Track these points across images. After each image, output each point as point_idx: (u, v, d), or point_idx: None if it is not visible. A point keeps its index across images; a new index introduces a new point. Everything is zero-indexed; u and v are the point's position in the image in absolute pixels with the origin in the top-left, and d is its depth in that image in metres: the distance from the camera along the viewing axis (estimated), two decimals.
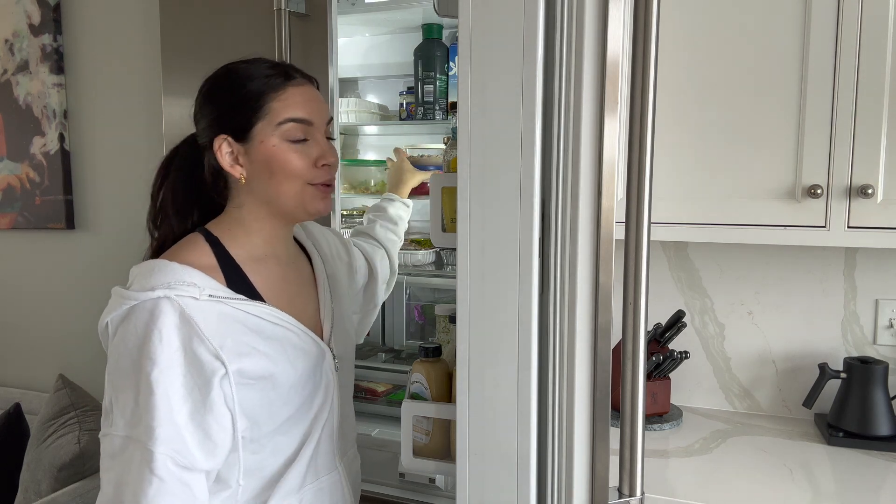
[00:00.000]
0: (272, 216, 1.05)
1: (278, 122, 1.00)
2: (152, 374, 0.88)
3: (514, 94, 0.83)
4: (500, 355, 0.87)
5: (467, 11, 0.85)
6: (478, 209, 0.87)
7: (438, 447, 1.11)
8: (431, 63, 1.82)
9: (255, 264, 1.04)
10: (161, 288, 0.91)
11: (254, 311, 0.98)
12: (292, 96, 1.01)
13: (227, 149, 1.01)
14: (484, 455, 0.89)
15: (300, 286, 1.13)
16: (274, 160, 1.00)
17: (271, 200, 1.03)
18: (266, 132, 1.00)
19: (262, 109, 1.00)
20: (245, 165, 1.02)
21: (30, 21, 2.36)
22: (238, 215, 1.06)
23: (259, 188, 1.03)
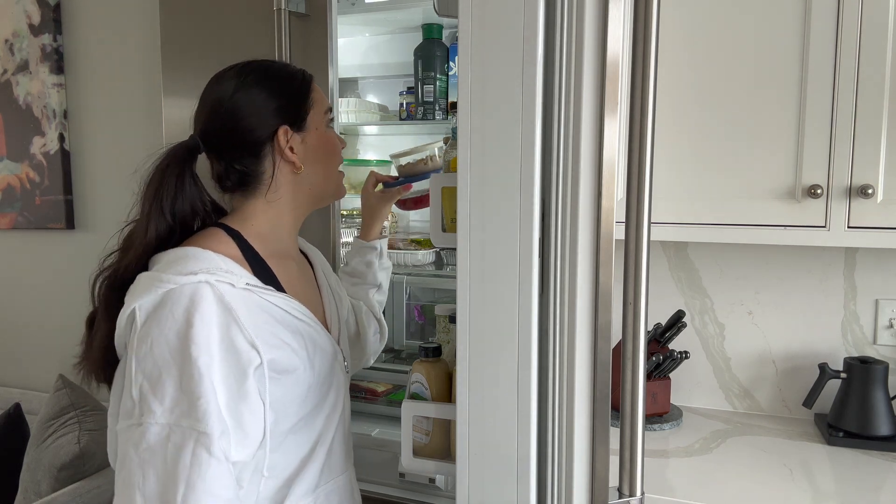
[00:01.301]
0: (307, 205, 1.10)
1: (325, 109, 1.09)
2: (200, 359, 0.86)
3: (514, 94, 0.83)
4: (500, 355, 0.87)
5: (467, 11, 0.85)
6: (478, 209, 0.87)
7: (438, 447, 1.11)
8: (431, 63, 1.82)
9: (276, 259, 1.05)
10: (202, 273, 0.90)
11: (282, 304, 0.98)
12: (316, 89, 1.10)
13: (285, 137, 1.04)
14: (484, 455, 0.89)
15: (309, 287, 1.14)
16: (329, 145, 1.09)
17: (317, 185, 1.08)
18: (317, 120, 1.07)
19: (309, 99, 1.07)
20: (299, 154, 1.05)
21: (30, 21, 2.36)
22: (264, 210, 1.06)
23: (308, 175, 1.07)
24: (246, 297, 0.93)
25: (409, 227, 2.13)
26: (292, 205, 1.08)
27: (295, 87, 1.06)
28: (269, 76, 1.06)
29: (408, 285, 1.91)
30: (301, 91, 1.07)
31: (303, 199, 1.09)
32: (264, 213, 1.06)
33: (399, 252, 1.82)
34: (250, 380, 0.91)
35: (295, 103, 1.05)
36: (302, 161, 1.05)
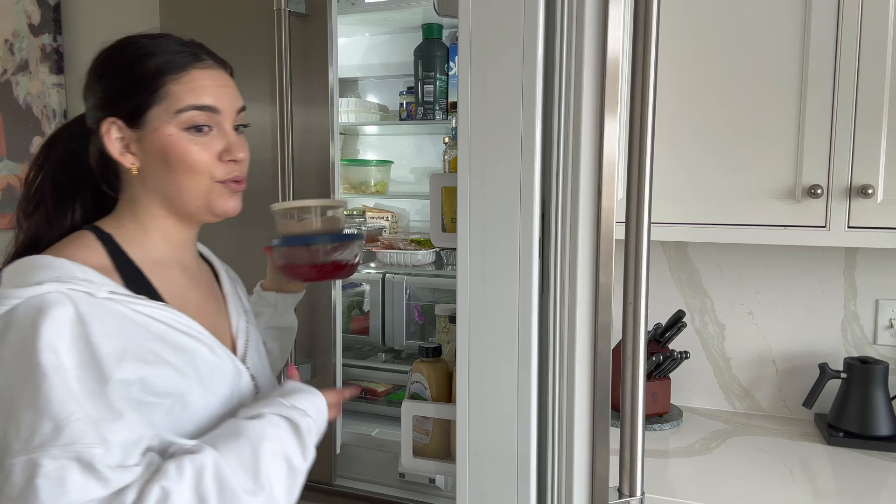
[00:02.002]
0: (171, 215, 0.92)
1: (178, 108, 0.87)
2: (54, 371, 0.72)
3: (514, 94, 0.83)
4: (500, 355, 0.87)
5: (467, 11, 0.85)
6: (478, 209, 0.87)
7: (438, 447, 1.11)
8: (431, 63, 1.82)
9: (157, 267, 0.91)
10: (50, 282, 0.76)
11: (159, 315, 0.83)
12: (197, 79, 0.88)
13: (117, 134, 0.88)
14: (484, 455, 0.89)
15: (209, 297, 0.99)
16: (171, 151, 0.87)
17: (171, 197, 0.90)
18: (162, 119, 0.87)
19: (159, 92, 0.87)
20: (138, 155, 0.88)
21: (30, 21, 2.36)
22: (132, 211, 0.92)
23: (155, 182, 0.89)
24: (110, 307, 0.79)
25: (409, 227, 2.13)
26: (151, 212, 0.91)
27: (136, 74, 0.87)
28: (119, 56, 0.90)
29: (408, 285, 1.91)
30: (143, 79, 0.87)
31: (163, 208, 0.91)
32: (129, 215, 0.92)
33: (399, 252, 1.83)
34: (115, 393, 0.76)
35: (131, 94, 0.87)
36: (143, 164, 0.88)
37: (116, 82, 0.88)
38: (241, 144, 0.92)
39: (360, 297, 2.04)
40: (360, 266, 1.30)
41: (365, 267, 1.93)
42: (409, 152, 2.12)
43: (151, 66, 0.87)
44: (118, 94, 0.88)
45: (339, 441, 1.64)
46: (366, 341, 1.97)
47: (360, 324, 2.00)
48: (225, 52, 0.97)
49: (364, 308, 2.03)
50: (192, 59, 0.89)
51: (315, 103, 1.55)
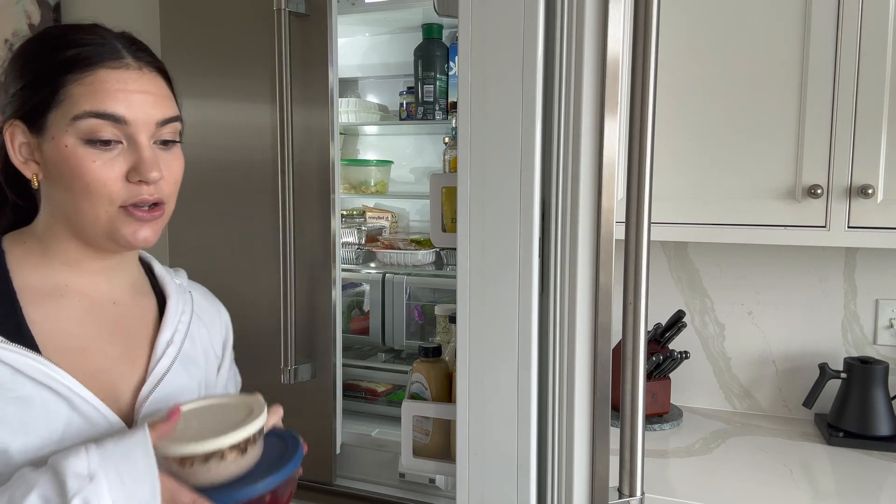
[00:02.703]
0: (74, 238, 0.79)
1: (74, 114, 0.73)
2: None
3: (514, 94, 0.83)
4: (500, 355, 0.87)
5: (467, 11, 0.85)
6: (478, 209, 0.87)
7: (438, 447, 1.11)
8: (431, 63, 1.82)
9: (44, 298, 0.77)
10: None
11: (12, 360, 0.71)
12: (102, 81, 0.74)
13: (21, 139, 0.76)
14: (484, 455, 0.89)
15: (115, 338, 0.82)
16: (65, 166, 0.74)
17: (70, 219, 0.77)
18: (60, 126, 0.74)
19: (59, 93, 0.74)
20: (41, 164, 0.77)
21: (30, 21, 2.36)
22: (36, 230, 0.80)
23: (56, 200, 0.77)
24: None
25: (409, 227, 2.13)
26: (52, 232, 0.79)
27: (38, 70, 0.75)
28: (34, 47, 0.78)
29: (408, 285, 1.91)
30: (43, 77, 0.75)
31: (63, 227, 0.78)
32: (34, 234, 0.81)
33: (399, 252, 1.82)
34: None
35: (30, 92, 0.75)
36: (45, 176, 0.77)
37: (21, 78, 0.77)
38: (158, 162, 0.77)
39: (360, 297, 2.04)
40: None
41: (365, 267, 1.93)
42: (409, 152, 2.12)
43: (54, 62, 0.75)
44: (20, 91, 0.76)
45: (339, 441, 1.64)
46: (366, 341, 1.97)
47: (360, 324, 2.00)
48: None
49: (364, 308, 2.03)
50: (104, 57, 0.76)
51: (315, 103, 1.55)
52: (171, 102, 0.81)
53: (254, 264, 1.22)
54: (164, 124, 0.79)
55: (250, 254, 1.20)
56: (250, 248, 1.59)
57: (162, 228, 0.81)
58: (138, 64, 0.78)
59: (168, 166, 0.79)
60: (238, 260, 1.18)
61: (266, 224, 1.55)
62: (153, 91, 0.78)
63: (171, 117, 0.80)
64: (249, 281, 1.20)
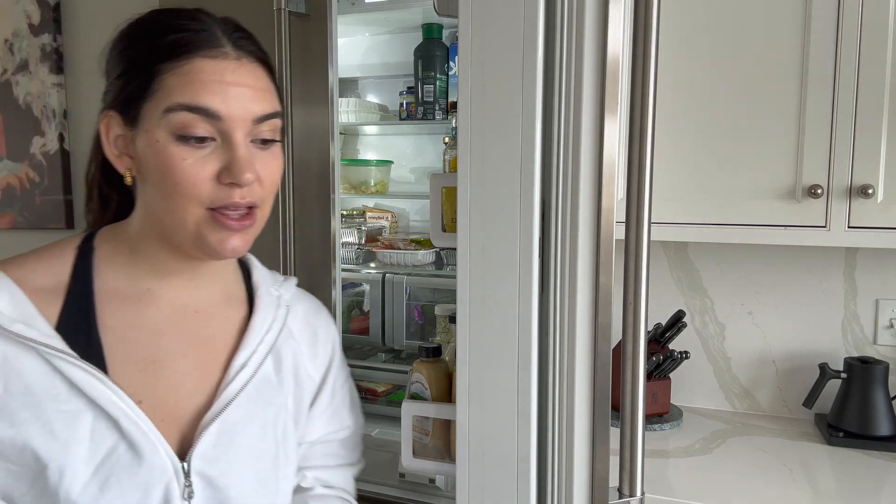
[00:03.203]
0: (163, 240, 0.73)
1: (166, 106, 0.67)
2: None
3: (514, 94, 0.83)
4: (500, 355, 0.87)
5: (467, 11, 0.84)
6: (478, 209, 0.87)
7: (438, 447, 1.11)
8: (431, 63, 1.82)
9: (123, 302, 0.73)
10: None
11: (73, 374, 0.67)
12: (198, 71, 0.67)
13: (117, 131, 0.71)
14: (484, 455, 0.89)
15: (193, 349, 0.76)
16: (155, 162, 0.68)
17: (160, 220, 0.71)
18: (153, 118, 0.68)
19: (152, 83, 0.68)
20: (135, 159, 0.71)
21: (29, 21, 2.36)
22: (128, 228, 0.76)
23: (147, 198, 0.72)
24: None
25: (409, 227, 2.13)
26: (143, 233, 0.74)
27: (135, 57, 0.70)
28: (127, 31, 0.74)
29: (408, 285, 1.91)
30: (139, 65, 0.69)
31: (151, 227, 0.73)
32: (124, 233, 0.76)
33: (399, 252, 1.83)
34: None
35: (125, 80, 0.70)
36: (139, 172, 0.71)
37: (117, 65, 0.72)
38: (253, 163, 0.70)
39: (360, 297, 2.04)
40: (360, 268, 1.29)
41: (365, 267, 1.93)
42: (409, 152, 2.12)
43: (150, 48, 0.69)
44: (117, 80, 0.71)
45: None
46: (366, 341, 1.97)
47: (360, 324, 2.00)
48: None
49: (364, 308, 2.03)
50: (202, 44, 0.69)
51: (315, 103, 1.55)
52: (272, 96, 0.73)
53: None
54: (263, 121, 0.71)
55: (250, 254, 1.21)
56: (250, 248, 1.59)
57: (255, 237, 0.75)
58: (238, 53, 0.71)
59: (265, 167, 0.72)
60: None
61: (266, 224, 1.55)
62: (252, 84, 0.71)
63: (271, 113, 0.72)
64: None
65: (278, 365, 0.81)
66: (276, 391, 0.80)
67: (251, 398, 0.77)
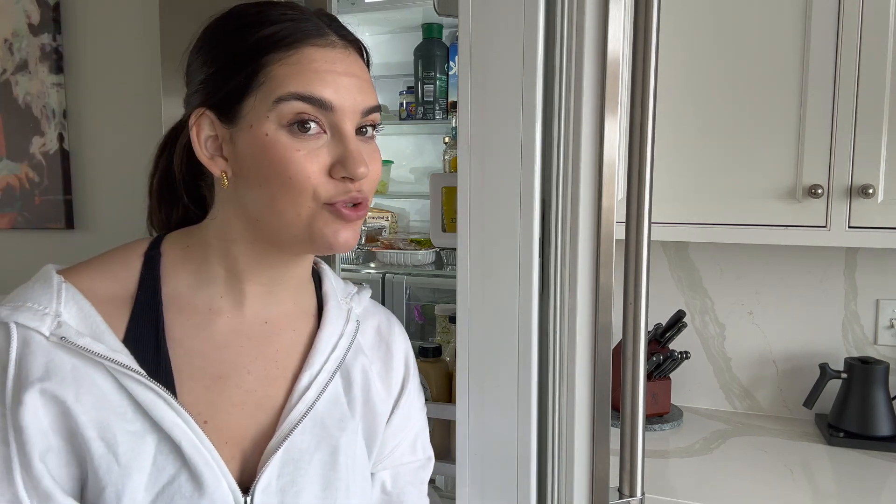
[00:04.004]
0: (256, 244, 0.70)
1: (277, 96, 0.64)
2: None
3: (514, 94, 0.83)
4: (500, 355, 0.87)
5: (467, 11, 0.84)
6: (478, 209, 0.87)
7: (438, 447, 1.11)
8: (431, 63, 1.82)
9: (191, 312, 0.70)
10: (6, 308, 0.64)
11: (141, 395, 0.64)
12: (309, 60, 0.65)
13: (209, 131, 0.68)
14: (484, 455, 0.89)
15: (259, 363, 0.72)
16: (265, 158, 0.64)
17: (262, 220, 0.67)
18: (259, 112, 0.65)
19: (259, 74, 0.65)
20: (230, 160, 0.67)
21: (29, 21, 2.36)
22: (203, 233, 0.72)
23: (245, 199, 0.68)
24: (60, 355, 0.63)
25: (409, 227, 2.13)
26: (231, 237, 0.70)
27: (232, 50, 0.67)
28: (223, 28, 0.70)
29: (408, 285, 1.91)
30: (240, 57, 0.66)
31: (244, 230, 0.69)
32: (205, 235, 0.72)
33: (399, 252, 1.82)
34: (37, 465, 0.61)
35: (223, 75, 0.67)
36: (234, 172, 0.67)
37: (212, 62, 0.68)
38: (365, 156, 0.67)
39: None
40: (360, 267, 1.29)
41: (365, 267, 1.93)
42: (409, 152, 2.12)
43: (252, 40, 0.65)
44: (212, 77, 0.67)
45: None
46: None
47: None
48: None
49: None
50: (310, 33, 0.66)
51: None
52: (373, 88, 0.71)
53: None
54: (368, 113, 0.69)
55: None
56: None
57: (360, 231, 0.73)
58: (343, 43, 0.68)
59: (372, 160, 0.69)
60: None
61: None
62: (359, 74, 0.69)
63: (376, 105, 0.70)
64: None
65: (348, 385, 0.76)
66: (345, 414, 0.75)
67: (317, 422, 0.72)
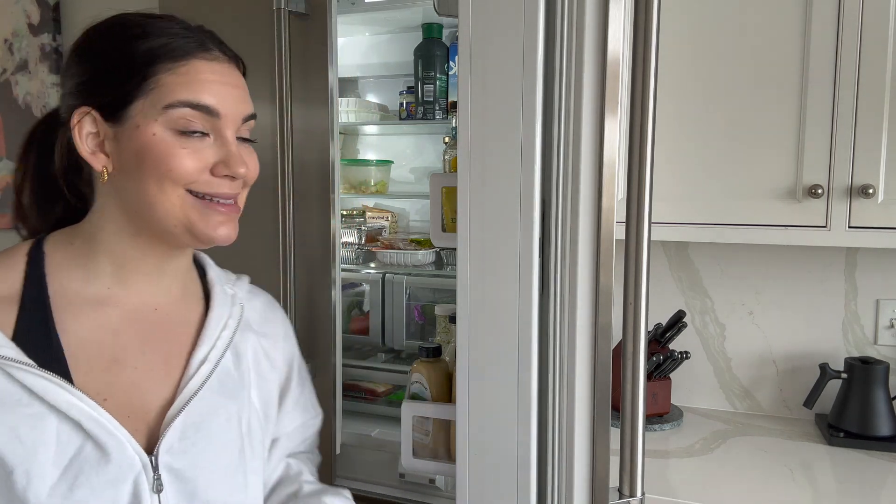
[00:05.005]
0: (137, 237, 0.76)
1: (167, 103, 0.71)
2: None
3: (514, 94, 0.83)
4: (500, 355, 0.87)
5: (467, 11, 0.84)
6: (478, 209, 0.87)
7: (438, 447, 1.11)
8: (431, 63, 1.82)
9: (81, 305, 0.75)
10: None
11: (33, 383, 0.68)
12: (198, 72, 0.73)
13: (91, 128, 0.73)
14: (484, 455, 0.89)
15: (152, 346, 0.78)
16: (149, 154, 0.71)
17: (141, 212, 0.74)
18: (148, 114, 0.71)
19: (149, 81, 0.71)
20: (112, 156, 0.73)
21: (29, 21, 2.36)
22: (88, 229, 0.77)
23: (126, 192, 0.74)
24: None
25: (409, 227, 2.13)
26: (112, 229, 0.75)
27: (123, 57, 0.72)
28: (106, 35, 0.75)
29: (408, 285, 1.91)
30: (131, 64, 0.71)
31: (126, 223, 0.75)
32: (89, 231, 0.77)
33: (399, 252, 1.82)
34: None
35: (114, 80, 0.72)
36: (116, 167, 0.73)
37: (98, 66, 0.74)
38: (242, 157, 0.75)
39: (360, 297, 2.04)
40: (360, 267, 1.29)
41: (365, 267, 1.93)
42: (409, 152, 2.12)
43: (143, 50, 0.72)
44: (98, 80, 0.73)
45: (339, 441, 1.63)
46: (366, 341, 1.97)
47: (359, 324, 2.00)
48: None
49: (364, 308, 2.03)
50: (196, 47, 0.74)
51: (315, 103, 1.55)
52: (250, 99, 0.79)
53: (253, 264, 1.22)
54: (247, 120, 0.78)
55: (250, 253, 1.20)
56: (250, 248, 1.59)
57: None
58: (226, 57, 0.77)
59: (250, 162, 0.77)
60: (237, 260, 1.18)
61: (266, 224, 1.55)
62: (240, 86, 0.78)
63: (253, 114, 0.79)
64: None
65: (237, 360, 0.84)
66: (238, 385, 0.83)
67: (214, 392, 0.79)
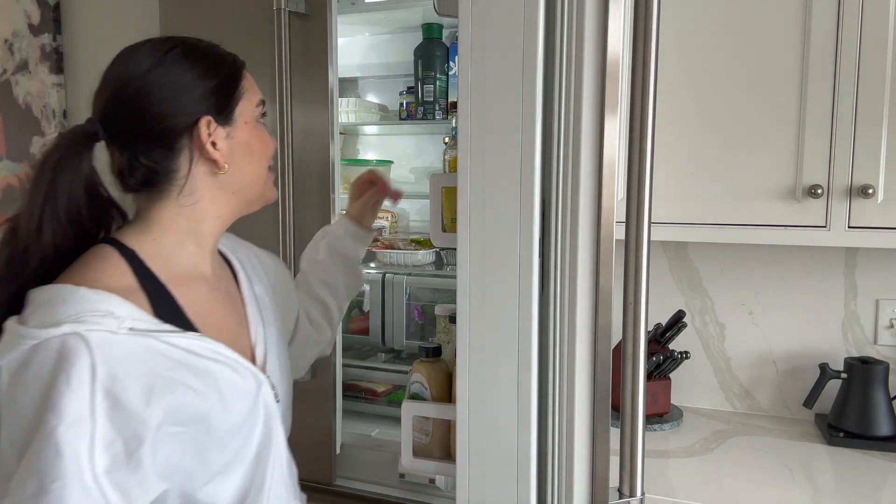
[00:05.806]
0: (230, 212, 0.93)
1: (258, 100, 0.94)
2: (58, 430, 0.69)
3: (514, 93, 0.83)
4: (500, 355, 0.87)
5: (467, 11, 0.84)
6: (478, 209, 0.87)
7: (438, 447, 1.11)
8: (431, 63, 1.82)
9: (183, 283, 0.87)
10: (68, 322, 0.72)
11: (184, 343, 0.80)
12: (248, 78, 0.94)
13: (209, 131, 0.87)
14: (484, 455, 0.89)
15: (229, 307, 0.96)
16: (256, 143, 0.93)
17: (244, 189, 0.93)
18: (247, 113, 0.91)
19: (240, 87, 0.91)
20: (224, 151, 0.88)
21: (29, 21, 2.36)
22: (173, 218, 0.88)
23: (234, 177, 0.90)
24: (134, 342, 0.76)
25: (409, 227, 2.13)
26: (210, 212, 0.90)
27: (225, 71, 0.89)
28: (194, 53, 0.88)
29: (408, 285, 1.91)
30: (231, 76, 0.90)
31: (224, 204, 0.92)
32: (173, 222, 0.88)
33: (399, 252, 1.82)
34: (146, 446, 0.74)
35: (223, 90, 0.89)
36: (226, 160, 0.88)
37: (211, 78, 0.88)
38: None
39: (360, 297, 2.04)
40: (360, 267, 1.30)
41: (365, 267, 1.93)
42: (409, 152, 2.12)
43: (230, 60, 0.91)
44: (214, 90, 0.88)
45: (339, 441, 1.64)
46: (366, 341, 1.97)
47: (359, 324, 2.00)
48: None
49: (364, 308, 2.03)
50: (236, 58, 0.94)
51: (315, 103, 1.55)
52: None
53: None
54: None
55: None
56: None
57: None
58: None
59: None
60: None
61: (266, 224, 1.55)
62: None
63: None
64: None
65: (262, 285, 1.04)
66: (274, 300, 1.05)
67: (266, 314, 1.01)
